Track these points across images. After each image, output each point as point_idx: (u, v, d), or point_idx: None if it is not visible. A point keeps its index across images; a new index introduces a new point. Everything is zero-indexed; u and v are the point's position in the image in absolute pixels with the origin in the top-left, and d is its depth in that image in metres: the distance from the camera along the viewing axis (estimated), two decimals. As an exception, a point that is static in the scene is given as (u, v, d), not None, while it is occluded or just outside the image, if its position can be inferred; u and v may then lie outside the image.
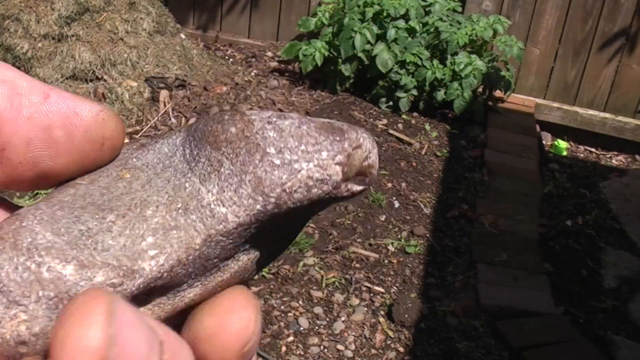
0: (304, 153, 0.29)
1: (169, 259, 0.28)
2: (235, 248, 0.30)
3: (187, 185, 0.29)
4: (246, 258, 0.32)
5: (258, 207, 0.29)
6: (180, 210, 0.29)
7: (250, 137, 0.29)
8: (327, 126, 0.30)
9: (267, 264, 0.35)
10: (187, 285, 0.30)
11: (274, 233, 0.32)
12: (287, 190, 0.29)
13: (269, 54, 4.51)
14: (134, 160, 0.31)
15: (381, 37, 3.89)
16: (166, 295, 0.30)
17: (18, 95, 0.29)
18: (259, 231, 0.31)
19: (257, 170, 0.29)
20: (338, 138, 0.30)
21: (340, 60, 3.92)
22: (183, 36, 4.17)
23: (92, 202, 0.29)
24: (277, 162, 0.29)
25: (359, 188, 0.32)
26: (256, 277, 2.66)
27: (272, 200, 0.29)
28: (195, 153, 0.30)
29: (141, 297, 0.28)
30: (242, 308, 0.30)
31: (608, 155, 4.23)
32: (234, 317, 0.29)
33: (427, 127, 3.84)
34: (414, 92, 3.86)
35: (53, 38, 3.63)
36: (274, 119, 0.30)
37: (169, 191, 0.29)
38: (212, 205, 0.29)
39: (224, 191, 0.29)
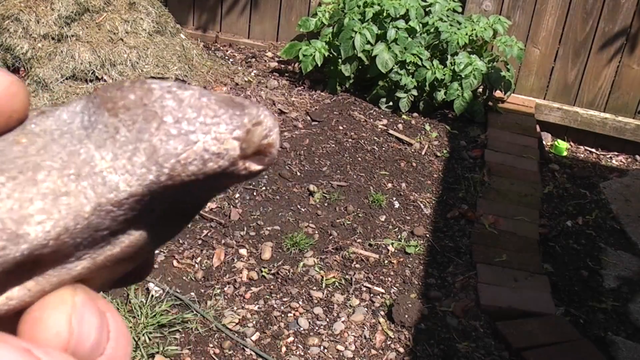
0: (201, 125, 0.28)
1: (56, 226, 0.27)
2: (126, 221, 0.29)
3: (82, 151, 0.28)
4: (138, 233, 0.30)
5: (151, 177, 0.28)
6: (72, 176, 0.28)
7: (148, 105, 0.28)
8: (228, 100, 0.29)
9: (161, 244, 0.34)
10: (76, 258, 0.29)
11: (168, 209, 0.31)
12: (182, 162, 0.28)
13: (269, 54, 4.51)
14: (32, 126, 0.30)
15: (381, 37, 3.89)
16: (54, 267, 0.28)
17: None
18: (153, 205, 0.29)
19: (153, 138, 0.28)
20: (238, 113, 0.29)
21: (340, 60, 3.92)
22: (183, 36, 4.17)
23: None
24: (174, 131, 0.28)
25: (258, 167, 0.31)
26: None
27: (166, 171, 0.28)
28: (93, 119, 0.29)
29: (27, 265, 0.27)
30: (48, 317, 0.27)
31: (608, 156, 4.22)
32: (42, 327, 0.27)
33: (427, 127, 3.84)
34: (414, 92, 3.86)
35: (53, 38, 3.62)
36: (174, 89, 0.29)
37: (64, 157, 0.28)
38: (105, 173, 0.28)
39: (118, 158, 0.28)
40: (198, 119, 0.28)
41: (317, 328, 2.47)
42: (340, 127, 3.68)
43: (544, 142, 4.13)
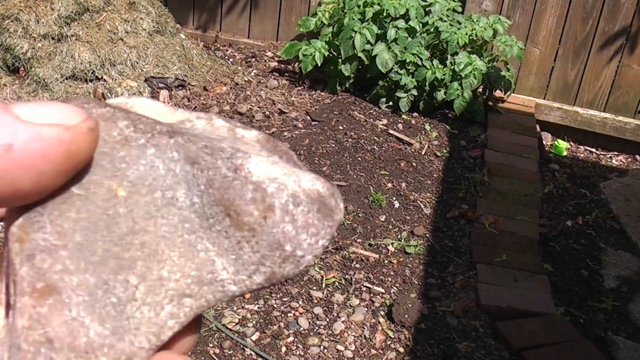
0: (309, 246, 0.33)
1: (181, 325, 0.32)
2: None
3: (199, 247, 0.32)
4: None
5: (256, 287, 0.33)
6: (194, 279, 0.32)
7: (273, 231, 0.32)
8: (325, 208, 0.33)
9: None
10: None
11: None
12: (285, 276, 0.33)
13: (269, 54, 4.51)
14: (123, 166, 0.31)
15: (381, 37, 3.89)
16: None
17: None
18: None
19: (274, 266, 0.32)
20: (330, 224, 0.33)
21: (340, 60, 3.92)
22: (183, 36, 4.17)
23: (107, 249, 0.30)
24: (290, 259, 0.32)
25: None
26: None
27: (271, 282, 0.33)
28: (209, 213, 0.32)
29: None
30: None
31: (608, 156, 4.22)
32: None
33: (427, 127, 3.84)
34: (414, 92, 3.86)
35: (53, 38, 3.62)
36: (291, 207, 0.32)
37: (180, 246, 0.31)
38: (225, 284, 0.32)
39: (239, 273, 0.32)
40: (307, 240, 0.33)
41: (317, 328, 2.47)
42: (340, 127, 3.68)
43: (544, 142, 4.13)
